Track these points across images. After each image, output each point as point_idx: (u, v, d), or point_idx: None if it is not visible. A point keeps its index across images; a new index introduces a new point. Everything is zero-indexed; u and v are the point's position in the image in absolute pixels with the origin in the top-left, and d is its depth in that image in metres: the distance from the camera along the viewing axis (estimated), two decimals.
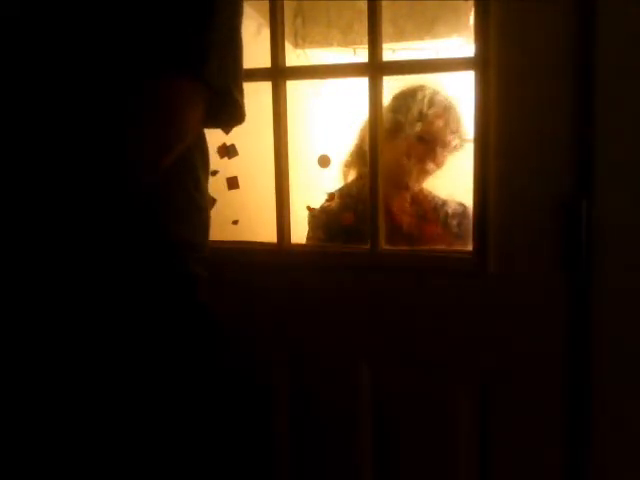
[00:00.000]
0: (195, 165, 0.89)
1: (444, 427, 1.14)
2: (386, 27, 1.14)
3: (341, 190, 1.61)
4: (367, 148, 1.16)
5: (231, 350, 1.22)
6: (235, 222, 1.41)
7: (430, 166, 1.57)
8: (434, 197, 1.58)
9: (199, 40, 0.76)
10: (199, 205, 0.90)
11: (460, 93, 1.54)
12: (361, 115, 1.17)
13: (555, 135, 1.01)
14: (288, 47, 1.24)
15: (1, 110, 0.73)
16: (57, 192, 0.72)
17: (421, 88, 1.55)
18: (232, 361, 1.23)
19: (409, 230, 1.55)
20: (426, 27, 1.80)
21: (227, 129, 1.11)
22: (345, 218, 1.52)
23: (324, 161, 1.42)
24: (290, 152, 1.23)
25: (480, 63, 1.05)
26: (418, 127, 1.55)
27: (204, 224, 0.93)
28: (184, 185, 0.87)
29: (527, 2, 1.00)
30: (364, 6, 1.13)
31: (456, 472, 1.14)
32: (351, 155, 1.63)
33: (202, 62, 0.76)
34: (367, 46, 1.13)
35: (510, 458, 1.10)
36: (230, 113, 0.89)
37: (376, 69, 1.14)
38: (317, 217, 1.56)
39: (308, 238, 1.56)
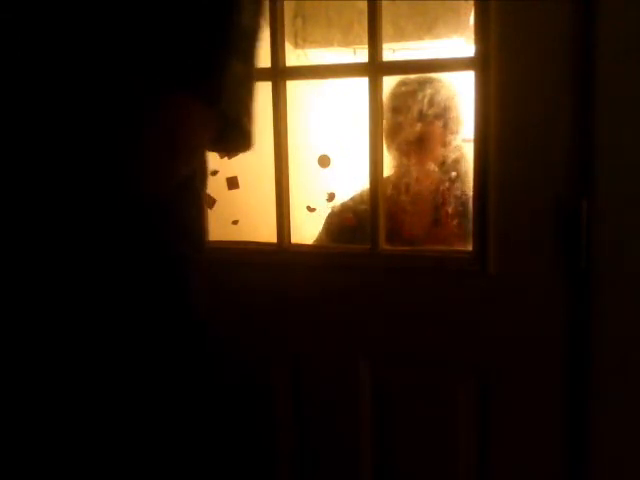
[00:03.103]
0: (196, 186, 0.89)
1: (444, 426, 1.14)
2: (386, 27, 1.14)
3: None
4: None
5: (230, 350, 1.22)
6: (235, 222, 1.42)
7: (430, 165, 1.57)
8: (441, 192, 1.57)
9: (215, 61, 0.73)
10: (200, 224, 0.90)
11: (460, 91, 1.55)
12: (361, 115, 1.17)
13: (555, 135, 1.01)
14: (288, 47, 1.24)
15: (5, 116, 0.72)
16: (57, 199, 0.71)
17: (421, 86, 1.55)
18: (231, 361, 1.23)
19: (410, 230, 1.55)
20: (426, 27, 1.80)
21: (232, 155, 1.08)
22: (348, 219, 1.53)
23: (324, 161, 1.42)
24: (290, 152, 1.23)
25: (480, 63, 1.05)
26: (418, 127, 1.55)
27: (203, 239, 0.92)
28: (186, 205, 0.87)
29: (527, 2, 1.00)
30: (364, 6, 1.13)
31: (456, 471, 1.14)
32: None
33: (216, 85, 0.72)
34: (367, 46, 1.13)
35: (509, 458, 1.10)
36: (237, 141, 0.83)
37: (376, 69, 1.14)
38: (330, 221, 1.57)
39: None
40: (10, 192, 0.71)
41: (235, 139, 0.83)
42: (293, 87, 1.23)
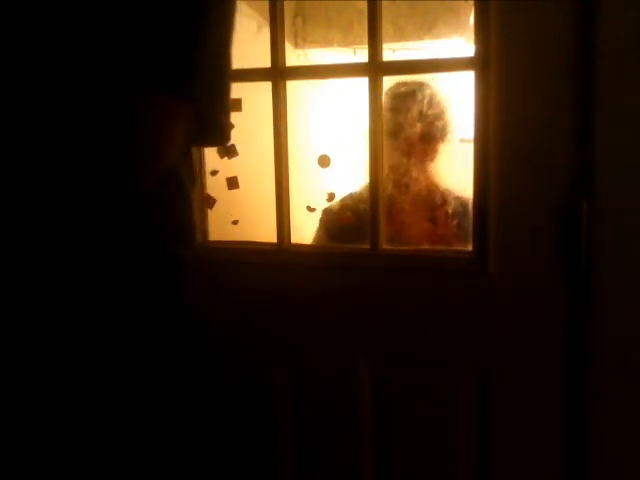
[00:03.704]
0: (184, 184, 0.89)
1: (444, 426, 1.14)
2: (386, 27, 1.14)
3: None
4: None
5: (230, 350, 1.22)
6: (235, 222, 1.41)
7: (429, 165, 1.57)
8: (441, 193, 1.57)
9: (186, 59, 0.73)
10: (192, 223, 0.90)
11: (459, 92, 1.54)
12: (361, 115, 1.16)
13: (555, 135, 1.01)
14: (288, 47, 1.24)
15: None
16: (49, 199, 0.72)
17: (420, 87, 1.55)
18: (231, 361, 1.23)
19: (409, 230, 1.55)
20: (426, 27, 1.80)
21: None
22: (347, 218, 1.53)
23: (324, 161, 1.42)
24: (290, 152, 1.23)
25: (480, 63, 1.05)
26: (417, 127, 1.55)
27: (194, 238, 0.93)
28: (181, 205, 0.87)
29: (527, 2, 1.00)
30: (364, 6, 1.13)
31: (456, 471, 1.14)
32: None
33: (188, 83, 0.74)
34: (367, 46, 1.13)
35: (509, 458, 1.10)
36: (212, 134, 0.85)
37: (376, 69, 1.14)
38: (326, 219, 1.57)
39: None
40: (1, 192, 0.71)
41: (211, 134, 0.84)
42: (293, 87, 1.23)
